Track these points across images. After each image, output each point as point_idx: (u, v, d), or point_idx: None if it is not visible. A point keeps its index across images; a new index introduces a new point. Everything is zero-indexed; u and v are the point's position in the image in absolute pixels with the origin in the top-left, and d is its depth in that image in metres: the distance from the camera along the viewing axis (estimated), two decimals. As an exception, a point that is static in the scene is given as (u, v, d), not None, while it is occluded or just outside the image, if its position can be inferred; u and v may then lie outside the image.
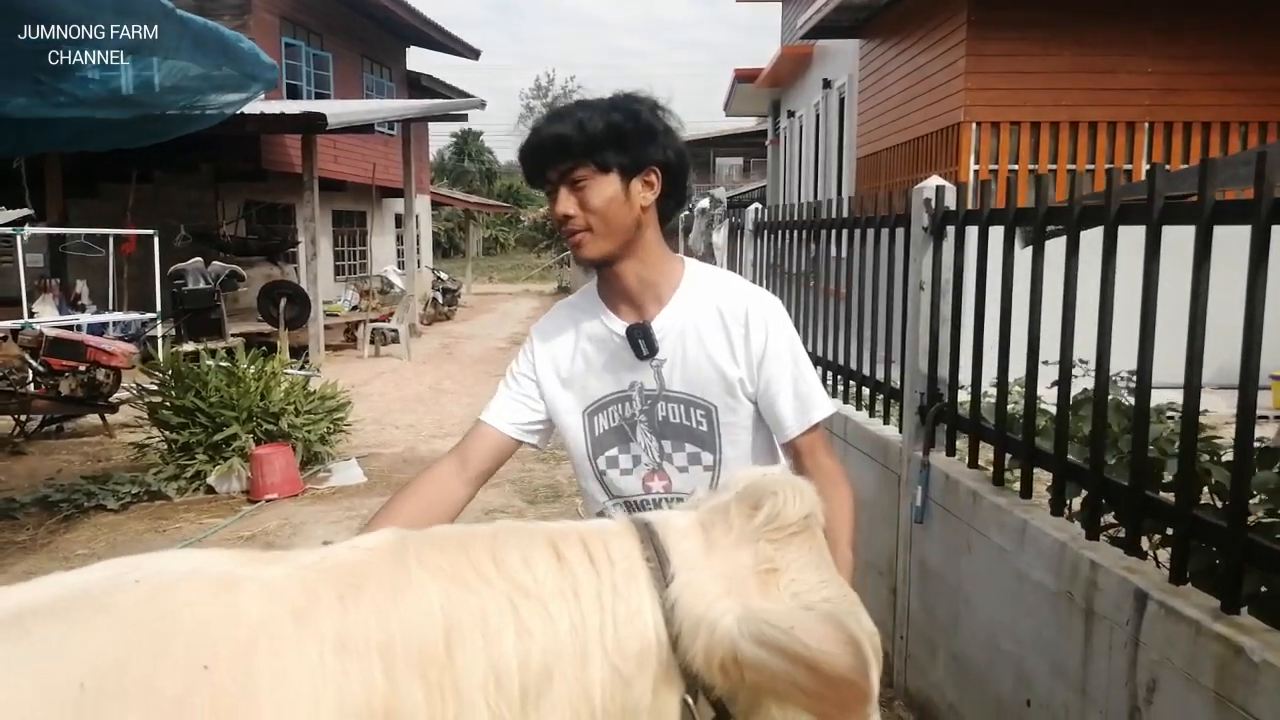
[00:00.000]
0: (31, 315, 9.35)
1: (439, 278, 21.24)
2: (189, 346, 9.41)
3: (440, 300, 20.01)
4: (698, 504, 1.17)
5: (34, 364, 8.06)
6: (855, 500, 1.74)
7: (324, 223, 16.41)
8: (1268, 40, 8.28)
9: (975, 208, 2.89)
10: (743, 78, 18.27)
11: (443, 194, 29.71)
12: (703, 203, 7.19)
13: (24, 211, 10.15)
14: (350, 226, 20.13)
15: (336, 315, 14.71)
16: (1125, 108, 8.43)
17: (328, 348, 12.95)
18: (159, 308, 10.90)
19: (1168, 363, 2.14)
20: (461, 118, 18.89)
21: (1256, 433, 1.90)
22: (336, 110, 12.55)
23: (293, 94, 15.82)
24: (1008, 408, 2.78)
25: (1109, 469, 2.31)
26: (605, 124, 1.65)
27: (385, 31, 19.71)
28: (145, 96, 4.88)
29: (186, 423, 6.30)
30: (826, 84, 13.72)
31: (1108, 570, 2.11)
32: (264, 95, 7.56)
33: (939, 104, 9.03)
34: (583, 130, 1.64)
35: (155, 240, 10.82)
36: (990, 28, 8.34)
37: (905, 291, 3.39)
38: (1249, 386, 1.81)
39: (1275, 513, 2.07)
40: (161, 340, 10.10)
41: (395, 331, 14.00)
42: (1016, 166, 8.45)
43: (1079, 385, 2.56)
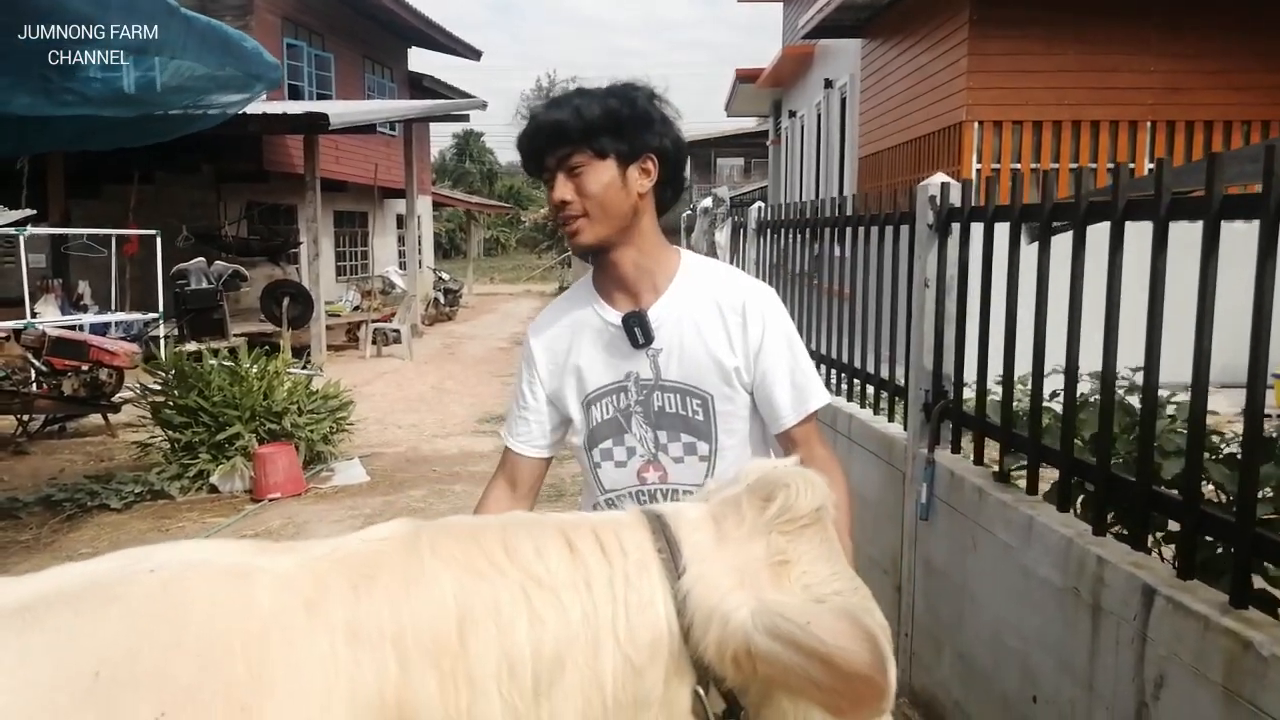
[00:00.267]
0: (34, 316, 9.35)
1: (440, 278, 21.23)
2: (191, 346, 9.40)
3: (442, 300, 20.01)
4: (709, 496, 1.17)
5: (37, 364, 8.07)
6: (858, 497, 1.74)
7: (326, 223, 16.42)
8: (1271, 38, 8.27)
9: (980, 204, 2.88)
10: (744, 78, 18.27)
11: (444, 194, 29.71)
12: (705, 202, 7.18)
13: (26, 212, 10.16)
14: (352, 227, 20.13)
15: (338, 315, 14.71)
16: (1128, 107, 8.42)
17: (329, 348, 12.95)
18: (161, 308, 10.90)
19: (1170, 361, 2.13)
20: (463, 118, 18.92)
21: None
22: (338, 110, 12.56)
23: (294, 94, 15.83)
24: (1012, 405, 2.77)
25: (1115, 465, 2.31)
26: (602, 110, 1.65)
27: (387, 32, 19.72)
28: (148, 96, 4.87)
29: (189, 422, 6.31)
30: (828, 84, 13.72)
31: (1115, 566, 2.10)
32: (266, 96, 7.57)
33: (941, 103, 9.02)
34: (580, 116, 1.65)
35: (158, 241, 10.83)
36: (992, 26, 8.33)
37: (910, 289, 3.39)
38: (1257, 382, 1.80)
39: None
40: (164, 340, 10.11)
41: (397, 332, 14.00)
42: (1019, 166, 8.44)
43: (1084, 383, 2.55)
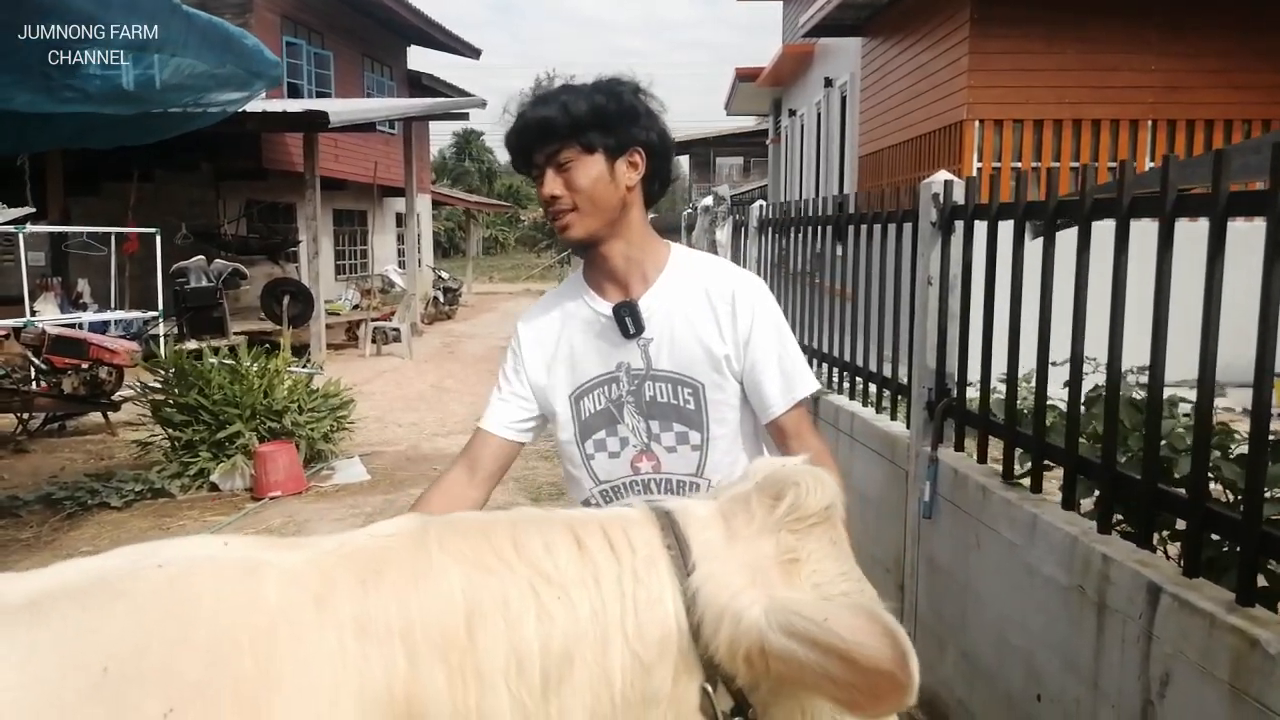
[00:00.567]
0: (33, 314, 9.34)
1: (440, 277, 21.22)
2: (191, 345, 9.40)
3: (441, 299, 19.99)
4: (717, 494, 1.16)
5: (37, 362, 8.07)
6: (861, 496, 1.74)
7: (325, 222, 16.40)
8: (1271, 37, 8.26)
9: (984, 202, 2.88)
10: (744, 76, 18.25)
11: (443, 193, 29.69)
12: (706, 200, 7.17)
13: (26, 210, 10.15)
14: (351, 226, 20.12)
15: (338, 314, 14.69)
16: (1129, 105, 8.41)
17: (329, 347, 12.94)
18: (161, 306, 10.89)
19: (1172, 359, 2.13)
20: (463, 116, 18.88)
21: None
22: (338, 109, 12.54)
23: (294, 93, 15.81)
24: (1017, 403, 2.77)
25: (1120, 464, 2.30)
26: (589, 105, 1.67)
27: (386, 31, 19.70)
28: (148, 93, 4.86)
29: (190, 420, 6.31)
30: (828, 82, 13.71)
31: (1120, 564, 2.10)
32: (265, 94, 7.55)
33: (941, 102, 9.01)
34: (567, 112, 1.66)
35: (157, 239, 10.82)
36: (993, 25, 8.32)
37: (912, 287, 3.38)
38: (1263, 380, 1.80)
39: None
40: (164, 339, 10.10)
41: (397, 330, 13.99)
42: (1019, 164, 8.43)
43: (1089, 381, 2.55)
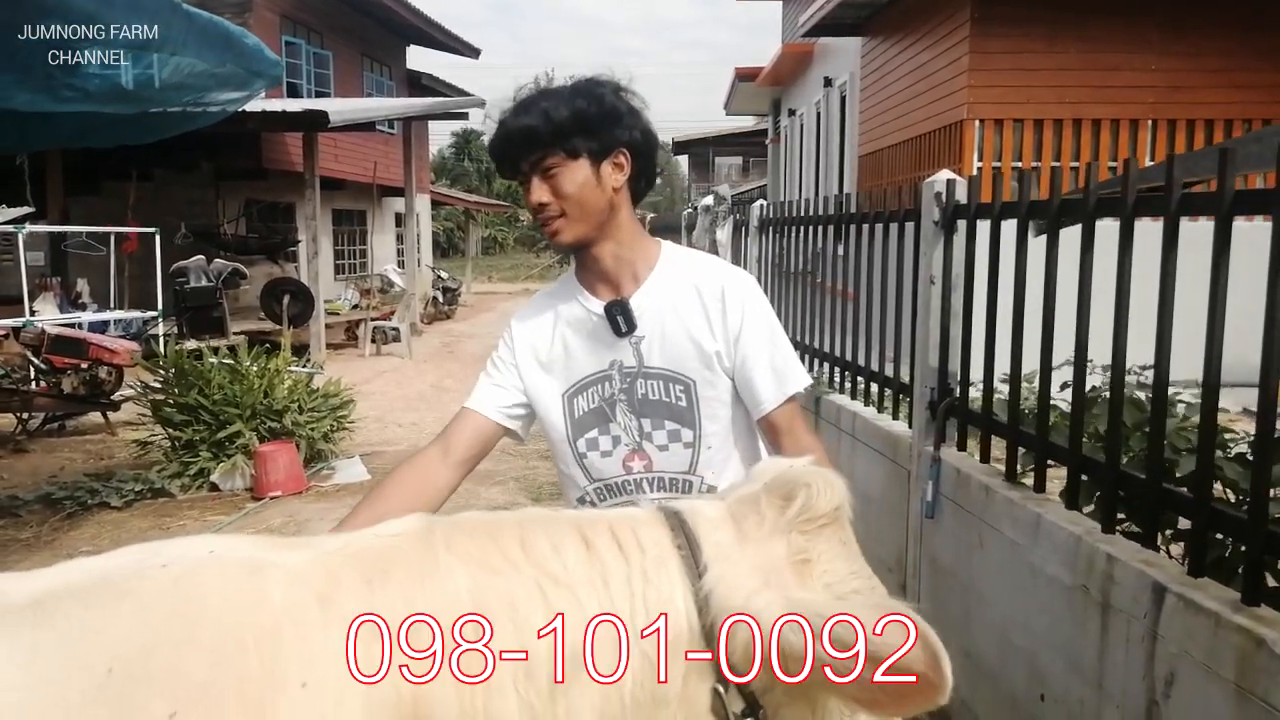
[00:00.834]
0: (32, 314, 9.33)
1: (439, 276, 21.20)
2: (191, 344, 9.39)
3: (441, 299, 19.98)
4: (725, 494, 1.16)
5: (36, 362, 8.05)
6: (863, 495, 1.73)
7: (324, 221, 16.35)
8: (1272, 37, 8.25)
9: (987, 201, 2.87)
10: (743, 76, 18.24)
11: (443, 193, 29.66)
12: (706, 200, 7.17)
13: (25, 209, 10.13)
14: (350, 225, 20.10)
15: (337, 314, 14.68)
16: (1129, 105, 8.40)
17: (329, 346, 12.93)
18: (160, 306, 10.88)
19: (1175, 359, 2.12)
20: (462, 116, 18.85)
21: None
22: (338, 108, 12.53)
23: (293, 92, 15.80)
24: (1020, 402, 2.76)
25: (1124, 463, 2.30)
26: (570, 111, 1.66)
27: (385, 30, 19.69)
28: (147, 92, 4.86)
29: (190, 420, 6.29)
30: (828, 82, 13.70)
31: (1125, 564, 2.09)
32: (264, 94, 7.54)
33: (942, 101, 9.01)
34: (549, 120, 1.66)
35: (157, 238, 10.80)
36: (994, 24, 8.31)
37: (915, 286, 3.37)
38: (1269, 379, 1.79)
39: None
40: (163, 338, 10.09)
41: (396, 330, 13.97)
42: (1020, 164, 8.42)
43: (1090, 381, 2.54)
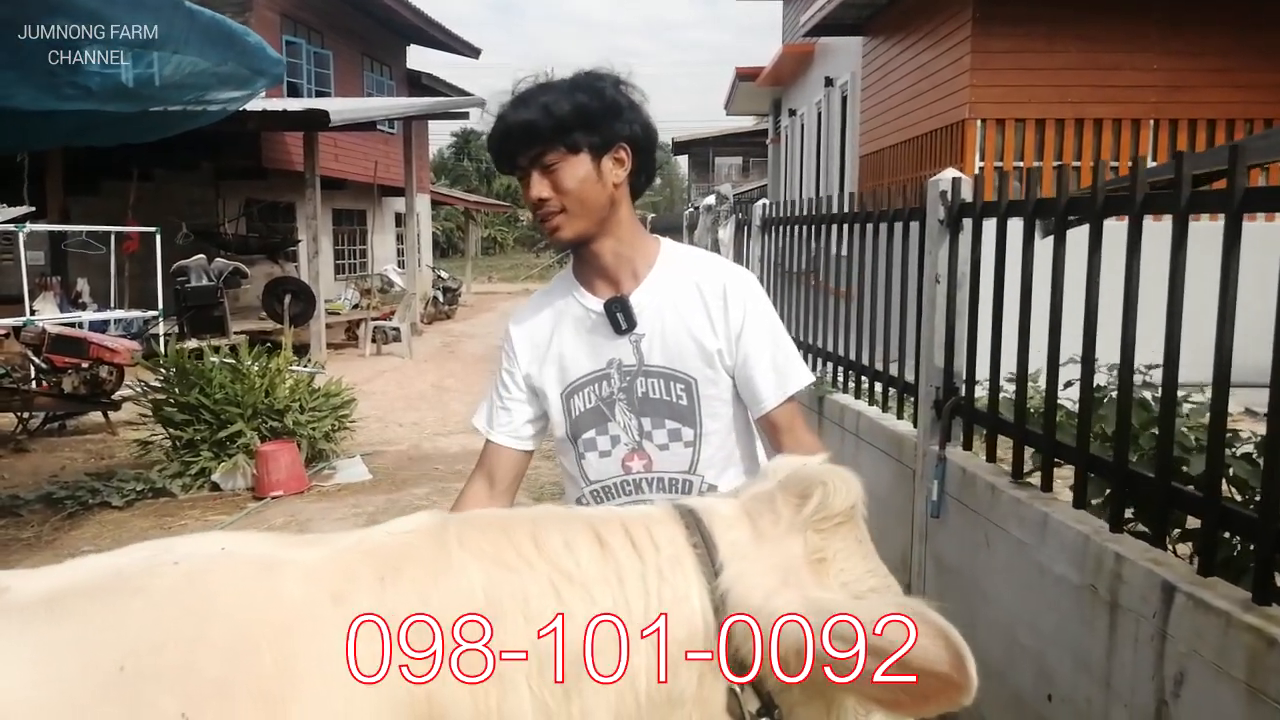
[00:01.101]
0: (33, 313, 9.32)
1: (439, 276, 21.19)
2: (192, 344, 9.38)
3: (441, 299, 19.96)
4: (738, 492, 1.15)
5: (37, 361, 8.04)
6: (867, 495, 1.72)
7: (324, 221, 16.35)
8: (1273, 36, 8.23)
9: (994, 199, 2.87)
10: (744, 76, 18.24)
11: (443, 193, 29.64)
12: (708, 200, 7.17)
13: (25, 209, 10.12)
14: (350, 225, 20.09)
15: (338, 314, 14.67)
16: (1131, 105, 8.40)
17: (329, 346, 12.92)
18: (161, 305, 10.86)
19: (1181, 358, 2.11)
20: (463, 116, 18.84)
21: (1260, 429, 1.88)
22: (339, 108, 12.52)
23: (293, 92, 15.78)
24: (1027, 401, 2.75)
25: (1131, 463, 2.29)
26: (571, 105, 1.64)
27: (386, 30, 19.68)
28: (149, 91, 4.85)
29: (191, 419, 6.28)
30: (828, 82, 13.69)
31: (1133, 563, 2.09)
32: (264, 93, 7.53)
33: (943, 101, 9.00)
34: (549, 114, 1.63)
35: (157, 238, 10.79)
36: (995, 23, 8.31)
37: (920, 285, 3.37)
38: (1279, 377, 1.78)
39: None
40: (163, 338, 10.07)
41: (397, 330, 13.96)
42: (1021, 164, 8.42)
43: (1100, 376, 2.53)
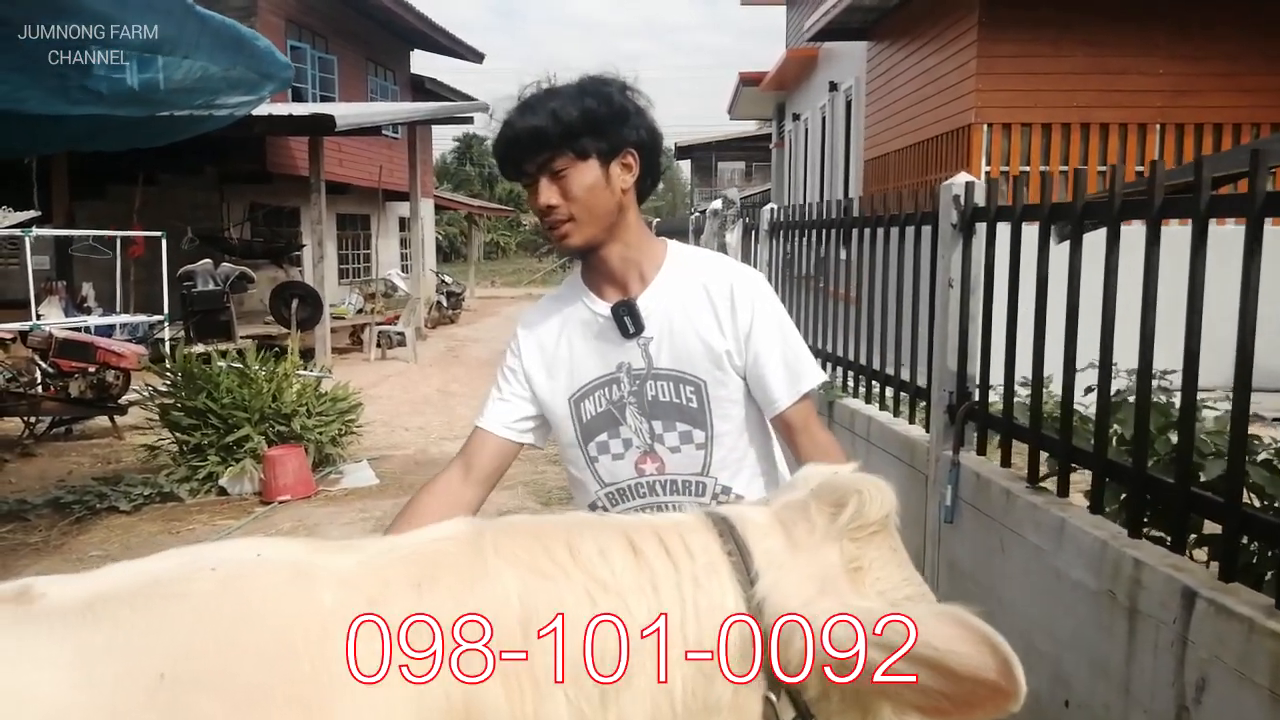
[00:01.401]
0: (38, 318, 9.33)
1: (443, 281, 21.19)
2: (198, 348, 9.38)
3: (445, 303, 19.96)
4: (770, 500, 1.14)
5: (43, 365, 8.05)
6: None
7: (329, 225, 16.36)
8: (1280, 40, 8.24)
9: (1008, 203, 2.86)
10: (747, 81, 18.24)
11: (446, 197, 29.66)
12: (715, 204, 7.17)
13: (31, 213, 10.14)
14: (354, 230, 20.11)
15: (342, 318, 14.68)
16: (1137, 109, 8.39)
17: (334, 350, 12.92)
18: (166, 309, 10.87)
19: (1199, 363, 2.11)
20: (467, 120, 18.88)
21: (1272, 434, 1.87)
22: (344, 112, 12.53)
23: (298, 96, 15.81)
24: (1042, 406, 2.74)
25: (1149, 468, 2.28)
26: (579, 111, 1.63)
27: (390, 35, 19.72)
28: (158, 95, 4.85)
29: (198, 424, 6.28)
30: (833, 86, 13.70)
31: (1153, 568, 2.08)
32: (271, 98, 7.54)
33: (949, 105, 8.99)
34: (557, 120, 1.62)
35: (163, 242, 10.80)
36: (1002, 28, 8.30)
37: (932, 290, 3.36)
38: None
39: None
40: (169, 342, 10.08)
41: (401, 334, 13.96)
42: (1028, 168, 8.41)
43: (1118, 381, 2.53)
